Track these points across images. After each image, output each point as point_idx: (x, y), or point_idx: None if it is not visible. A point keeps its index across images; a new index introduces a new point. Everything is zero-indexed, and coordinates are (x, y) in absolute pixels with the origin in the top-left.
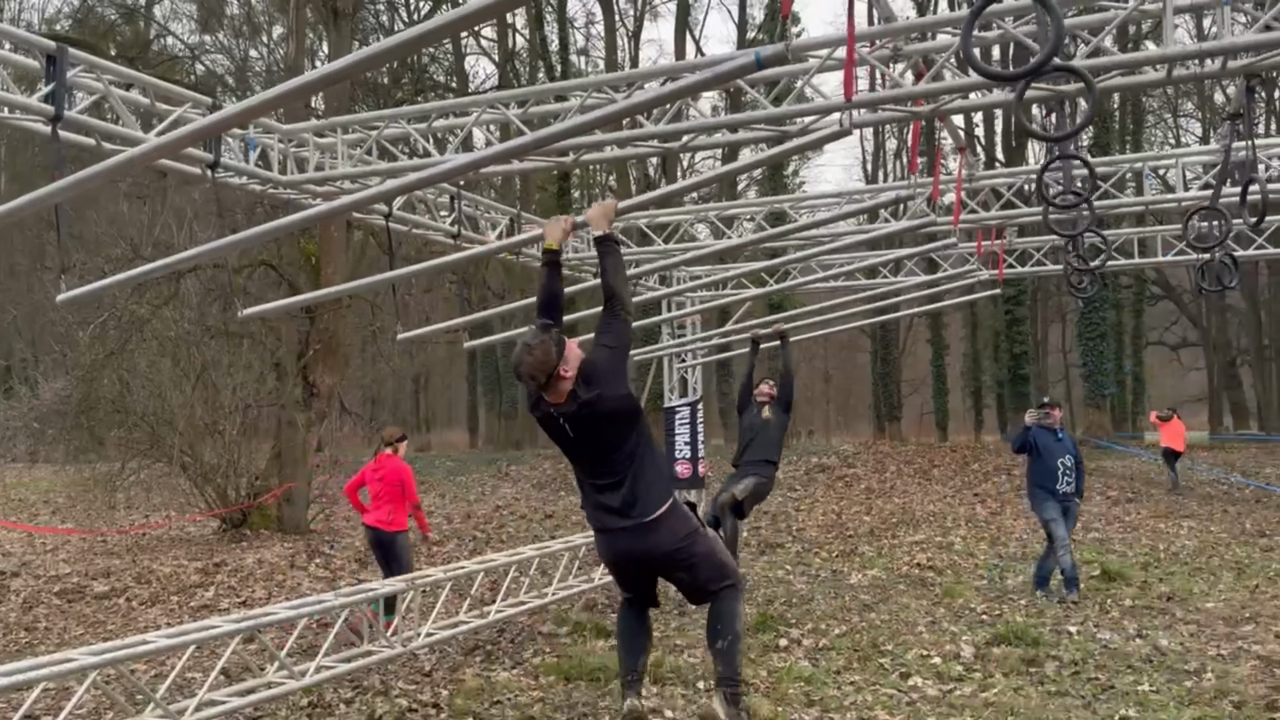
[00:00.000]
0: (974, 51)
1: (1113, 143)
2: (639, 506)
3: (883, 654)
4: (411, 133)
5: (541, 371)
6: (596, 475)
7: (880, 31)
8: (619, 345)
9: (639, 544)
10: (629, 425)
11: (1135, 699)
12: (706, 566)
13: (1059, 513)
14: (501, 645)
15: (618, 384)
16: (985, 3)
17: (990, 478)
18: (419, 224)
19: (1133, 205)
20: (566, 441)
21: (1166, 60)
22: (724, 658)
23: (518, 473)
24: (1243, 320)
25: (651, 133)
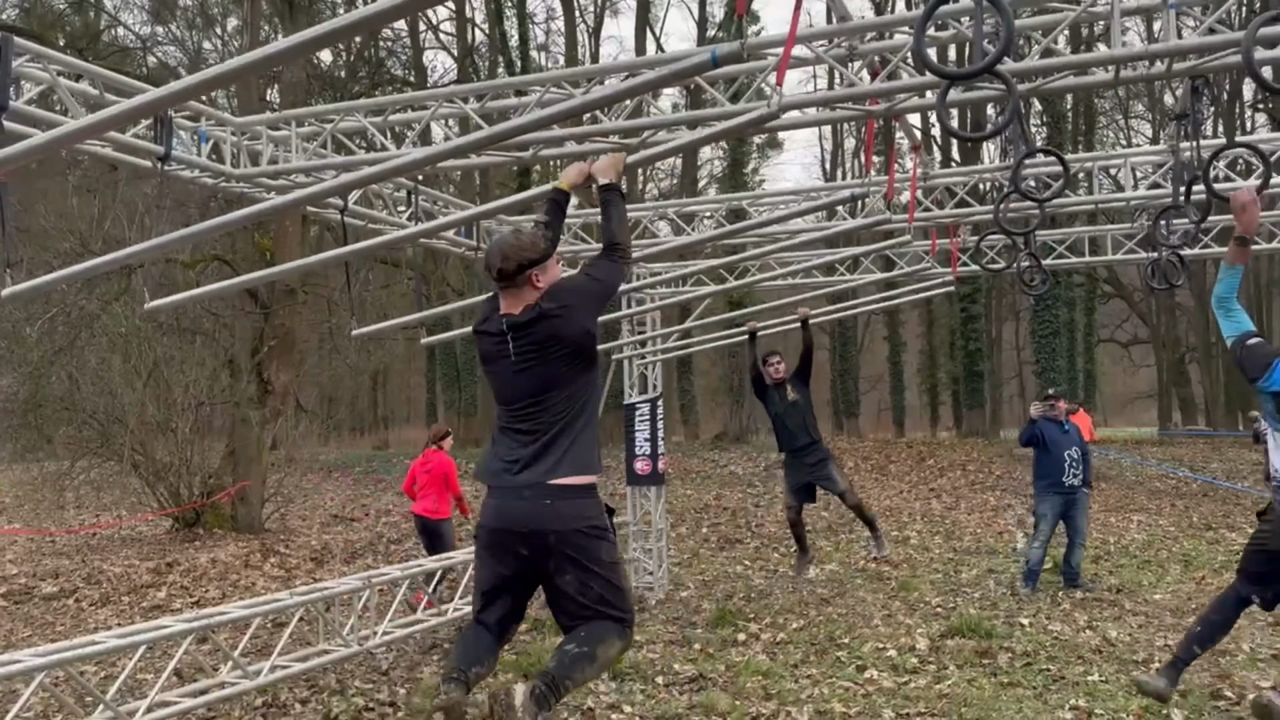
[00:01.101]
0: (926, 51)
1: (1065, 143)
2: (553, 464)
3: (839, 647)
4: (368, 126)
5: (517, 258)
6: (520, 418)
7: (835, 30)
8: (605, 280)
9: (540, 511)
10: (581, 368)
11: (1085, 689)
12: (598, 581)
13: (1055, 510)
14: None
15: (588, 314)
16: (938, 2)
17: (945, 473)
18: (375, 219)
19: (1083, 204)
20: (504, 366)
21: (1114, 61)
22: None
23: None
24: (1191, 318)
25: (610, 129)
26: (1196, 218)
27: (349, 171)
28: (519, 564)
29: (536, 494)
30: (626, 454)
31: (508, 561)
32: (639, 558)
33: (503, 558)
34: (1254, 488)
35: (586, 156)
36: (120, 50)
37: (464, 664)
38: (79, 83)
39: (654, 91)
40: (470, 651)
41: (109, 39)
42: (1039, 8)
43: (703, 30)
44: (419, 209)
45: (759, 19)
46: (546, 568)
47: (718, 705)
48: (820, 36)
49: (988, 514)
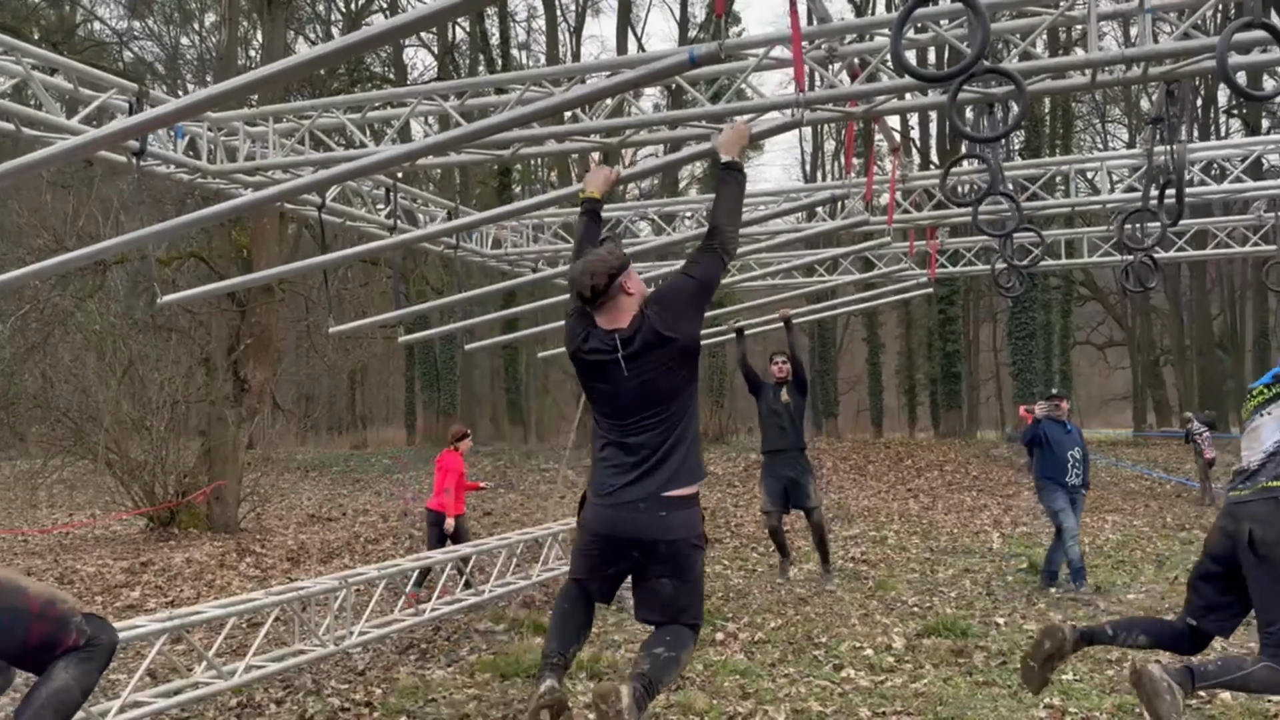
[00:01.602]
0: (904, 53)
1: (1043, 146)
2: (667, 474)
3: (817, 646)
4: (346, 123)
5: (605, 271)
6: (630, 431)
7: (815, 32)
8: (706, 279)
9: (646, 522)
10: (690, 374)
11: (1059, 688)
12: (689, 590)
13: (1068, 504)
14: (437, 643)
15: (692, 318)
16: (915, 5)
17: (923, 473)
18: (353, 216)
19: (1060, 206)
20: (616, 381)
21: (1091, 65)
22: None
23: None
24: (1166, 321)
25: (590, 128)
26: (1168, 221)
27: (326, 168)
28: (625, 563)
29: (652, 506)
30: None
31: (606, 557)
32: None
33: (602, 553)
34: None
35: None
36: (96, 45)
37: (563, 645)
38: (54, 76)
39: (635, 91)
40: (569, 624)
41: (85, 33)
42: (1017, 12)
43: (684, 30)
44: (397, 207)
45: (740, 20)
46: (648, 570)
47: (695, 704)
48: (801, 37)
49: (964, 514)
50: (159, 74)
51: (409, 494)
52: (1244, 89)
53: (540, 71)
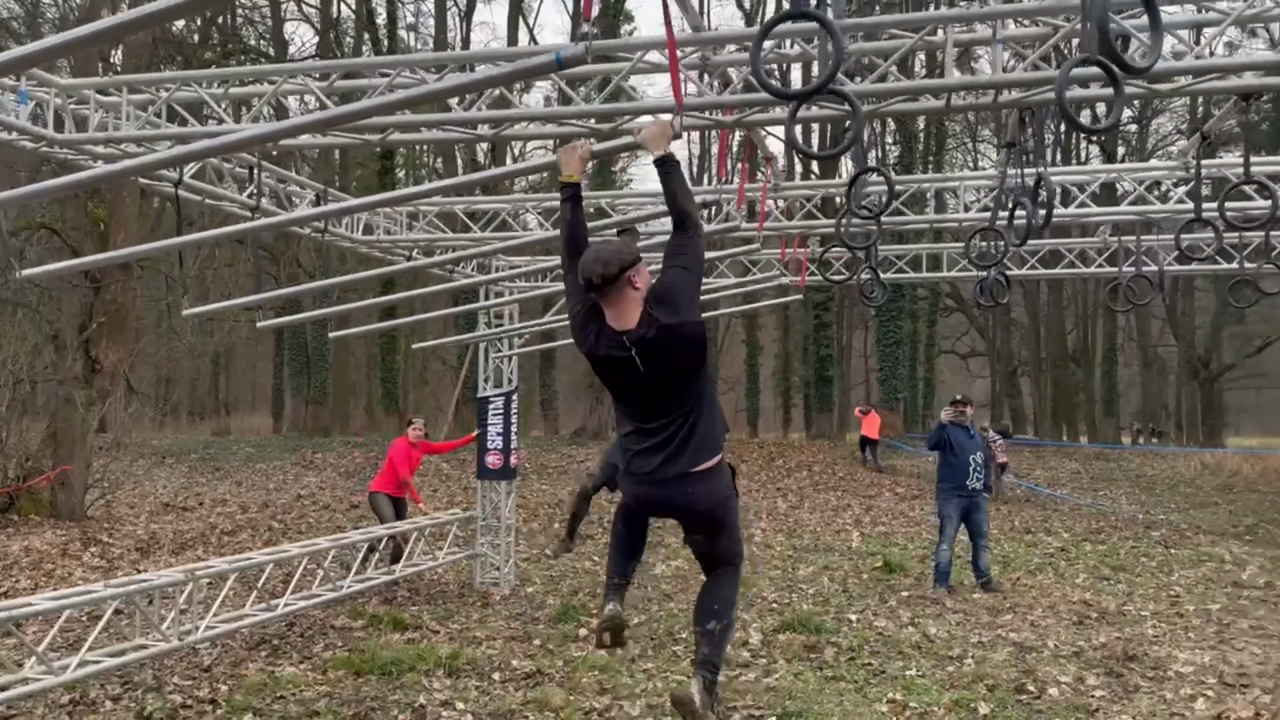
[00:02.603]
0: (761, 68)
1: (916, 163)
2: (689, 455)
3: (677, 642)
4: (205, 98)
5: (617, 262)
6: (652, 418)
7: (688, 39)
8: (695, 268)
9: (676, 497)
10: (702, 359)
11: (903, 683)
12: (728, 538)
13: (959, 511)
14: (290, 639)
15: (695, 309)
16: (774, 21)
17: (793, 473)
18: (213, 194)
19: (918, 223)
20: (633, 377)
21: (945, 90)
22: (713, 641)
23: (323, 460)
24: (1024, 334)
25: (465, 118)
26: (1016, 241)
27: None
28: (661, 516)
29: (679, 483)
30: (478, 447)
31: (648, 514)
32: (486, 553)
33: (645, 513)
34: (1072, 495)
35: (567, 140)
36: None
37: (623, 565)
38: None
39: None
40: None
41: None
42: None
43: (576, 24)
44: (261, 187)
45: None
46: (685, 524)
47: (552, 700)
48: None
49: (829, 513)
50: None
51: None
52: (1076, 120)
53: (412, 58)
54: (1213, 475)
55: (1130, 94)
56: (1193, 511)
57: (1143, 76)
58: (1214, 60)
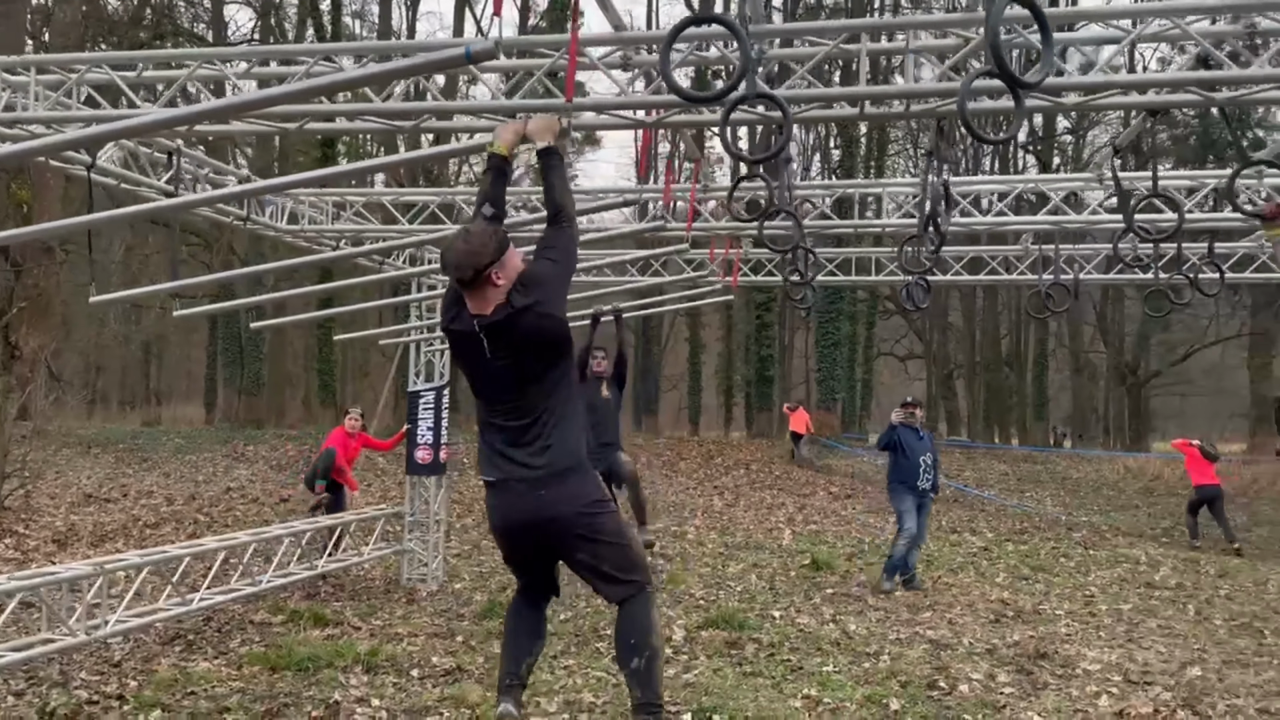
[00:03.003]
0: (670, 70)
1: (856, 168)
2: (547, 456)
3: (601, 639)
4: (116, 80)
5: (470, 265)
6: (505, 413)
7: (609, 38)
8: (565, 261)
9: (536, 502)
10: (557, 356)
11: (818, 679)
12: (613, 550)
13: (915, 508)
14: (206, 635)
15: (557, 302)
16: (683, 25)
17: (730, 471)
18: (132, 180)
19: (842, 227)
20: (480, 363)
21: (859, 98)
22: (640, 680)
23: (255, 453)
24: (959, 338)
25: (384, 109)
26: (931, 248)
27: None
28: (534, 543)
29: (531, 487)
30: (408, 442)
31: (524, 545)
32: (414, 549)
33: (518, 543)
34: (999, 496)
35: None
36: None
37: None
38: None
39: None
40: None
41: None
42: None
43: (524, 17)
44: (180, 172)
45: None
46: (560, 546)
47: (469, 697)
48: (600, 43)
49: (763, 511)
50: None
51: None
52: (977, 132)
53: (328, 47)
54: (1135, 479)
55: (1033, 107)
56: (1114, 514)
57: (1034, 90)
58: (1111, 77)
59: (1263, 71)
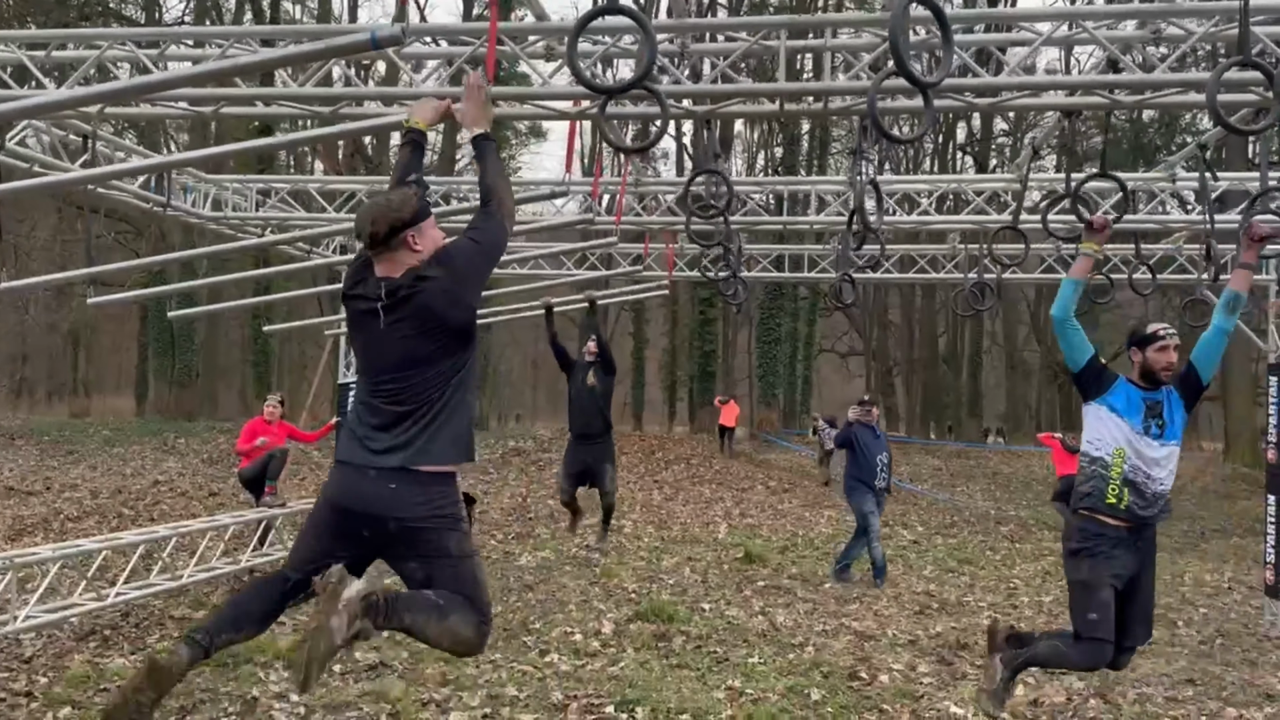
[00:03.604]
0: (578, 61)
1: (798, 165)
2: (410, 451)
3: (529, 632)
4: (23, 59)
5: (386, 220)
6: (385, 395)
7: (530, 28)
8: (487, 244)
9: (378, 494)
10: (456, 345)
11: (743, 670)
12: (451, 575)
13: (875, 506)
14: (123, 630)
15: (471, 285)
16: (590, 16)
17: (671, 466)
18: (44, 162)
19: (769, 224)
20: (373, 332)
21: (778, 94)
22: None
23: (186, 445)
24: (899, 336)
25: (301, 94)
26: (854, 246)
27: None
28: (355, 545)
29: (382, 477)
30: (337, 439)
31: (342, 541)
32: None
33: (339, 536)
34: (931, 490)
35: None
36: None
37: (215, 629)
38: None
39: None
40: (239, 614)
41: None
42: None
43: (469, 6)
44: (96, 156)
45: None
46: (389, 554)
47: (390, 692)
48: (522, 32)
49: (700, 505)
50: None
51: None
52: (886, 131)
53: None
54: None
55: (942, 106)
56: (1041, 508)
57: (933, 90)
58: (1022, 79)
59: (1165, 76)
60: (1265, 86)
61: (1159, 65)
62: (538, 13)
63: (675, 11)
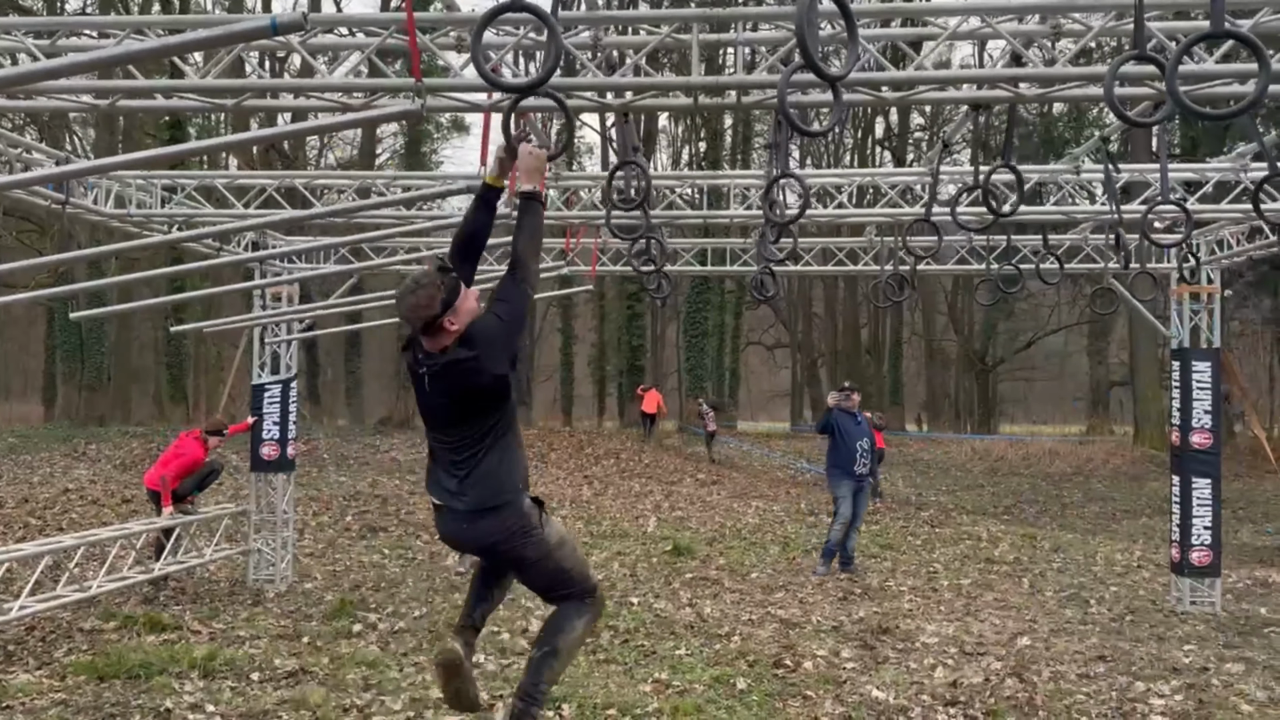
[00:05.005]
0: (481, 56)
1: (721, 160)
2: (472, 495)
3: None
4: None
5: (419, 317)
6: (444, 442)
7: (443, 19)
8: (512, 318)
9: (464, 530)
10: (492, 408)
11: (670, 663)
12: (539, 572)
13: (851, 493)
14: (28, 645)
15: (497, 359)
16: (494, 13)
17: (601, 461)
18: None
19: (690, 218)
20: (423, 396)
21: (690, 88)
22: (531, 668)
23: (98, 451)
24: (823, 328)
25: (201, 86)
26: (772, 239)
27: None
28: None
29: (459, 517)
30: (252, 438)
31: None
32: (260, 549)
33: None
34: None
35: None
36: None
37: (469, 608)
38: None
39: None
40: (478, 591)
41: None
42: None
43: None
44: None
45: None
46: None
47: (310, 699)
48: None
49: (630, 499)
50: None
51: None
52: (796, 124)
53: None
54: (982, 460)
55: (851, 100)
56: (960, 493)
57: (839, 83)
58: (929, 73)
59: (1066, 70)
60: (1160, 80)
61: (1059, 60)
62: (447, 3)
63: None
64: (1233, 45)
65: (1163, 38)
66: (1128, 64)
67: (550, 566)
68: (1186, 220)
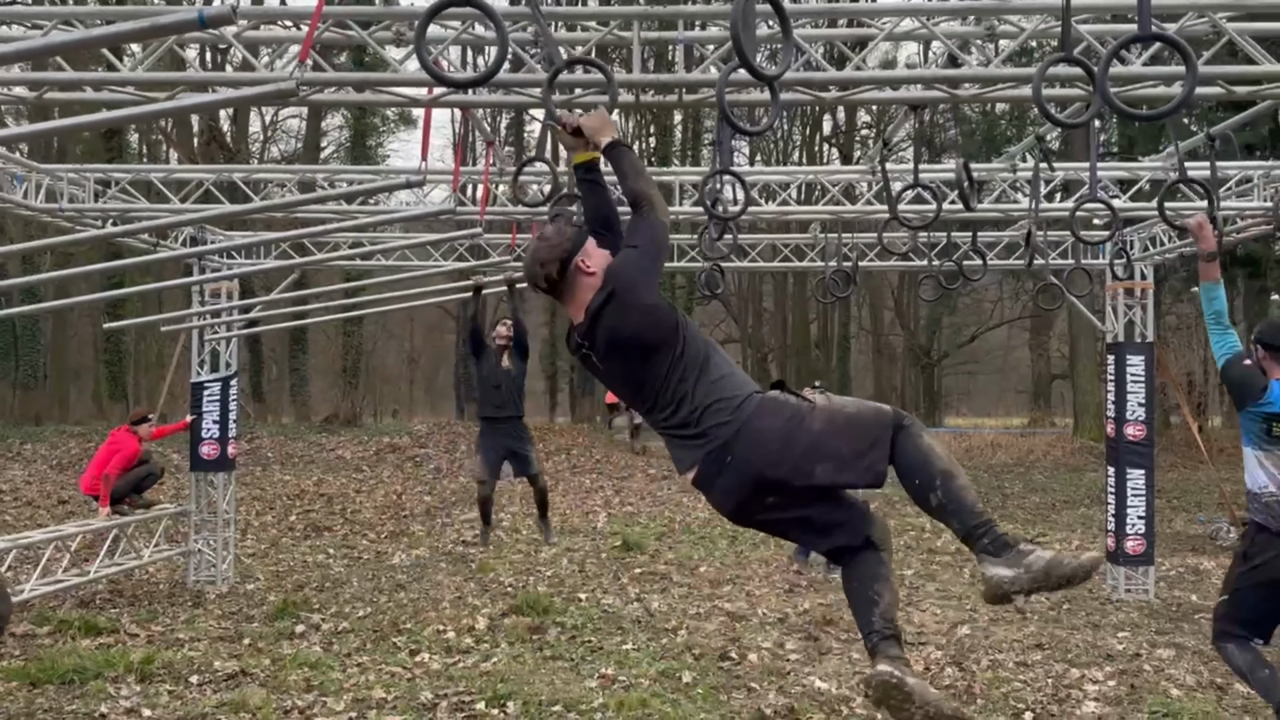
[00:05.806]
0: (425, 50)
1: (671, 156)
2: (715, 418)
3: (400, 633)
4: None
5: (555, 256)
6: (657, 409)
7: (381, 13)
8: (646, 244)
9: (731, 466)
10: (662, 344)
11: (617, 657)
12: (836, 439)
13: None
14: None
15: (641, 290)
16: (438, 8)
17: (552, 457)
18: None
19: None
20: (603, 375)
21: (632, 86)
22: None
23: (34, 452)
24: (773, 323)
25: (125, 78)
26: (715, 235)
27: None
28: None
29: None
30: (192, 437)
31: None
32: (200, 550)
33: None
34: None
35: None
36: None
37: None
38: None
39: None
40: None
41: None
42: (569, 25)
43: None
44: None
45: None
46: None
47: (250, 701)
48: (369, 18)
49: (581, 495)
50: None
51: None
52: (735, 122)
53: (70, 10)
54: None
55: (790, 100)
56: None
57: (775, 83)
58: (870, 73)
59: (999, 71)
60: (1087, 82)
61: (993, 60)
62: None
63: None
64: (1162, 48)
65: (1093, 41)
66: (1060, 66)
67: (843, 422)
68: (1114, 217)
